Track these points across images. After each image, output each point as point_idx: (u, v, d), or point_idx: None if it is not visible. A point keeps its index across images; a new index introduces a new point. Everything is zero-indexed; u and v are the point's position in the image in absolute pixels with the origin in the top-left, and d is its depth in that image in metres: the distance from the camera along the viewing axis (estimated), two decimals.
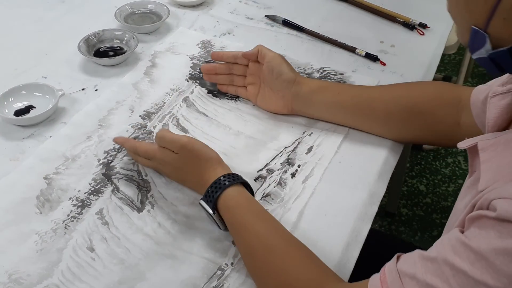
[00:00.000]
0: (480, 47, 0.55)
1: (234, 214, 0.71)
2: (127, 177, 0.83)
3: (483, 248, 0.48)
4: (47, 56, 1.08)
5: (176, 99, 0.97)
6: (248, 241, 0.69)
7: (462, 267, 0.49)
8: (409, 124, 0.85)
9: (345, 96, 0.88)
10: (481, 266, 0.48)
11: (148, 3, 1.19)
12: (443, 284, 0.50)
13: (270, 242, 0.68)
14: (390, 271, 0.56)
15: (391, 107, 0.85)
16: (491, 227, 0.49)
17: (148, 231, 0.75)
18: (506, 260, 0.47)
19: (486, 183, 0.54)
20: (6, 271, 0.70)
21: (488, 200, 0.50)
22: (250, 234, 0.69)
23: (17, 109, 0.93)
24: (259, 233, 0.69)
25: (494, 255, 0.47)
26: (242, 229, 0.70)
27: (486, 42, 0.54)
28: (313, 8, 1.24)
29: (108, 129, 0.91)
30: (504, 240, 0.47)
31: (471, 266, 0.49)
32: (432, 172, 1.95)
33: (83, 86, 1.00)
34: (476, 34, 0.55)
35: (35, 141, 0.89)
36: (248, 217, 0.71)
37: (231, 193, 0.72)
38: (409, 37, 1.14)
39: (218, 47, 1.10)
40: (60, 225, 0.76)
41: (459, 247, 0.51)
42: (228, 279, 0.70)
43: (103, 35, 1.09)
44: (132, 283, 0.69)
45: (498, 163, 0.54)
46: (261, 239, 0.69)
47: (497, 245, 0.47)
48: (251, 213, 0.71)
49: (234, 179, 0.73)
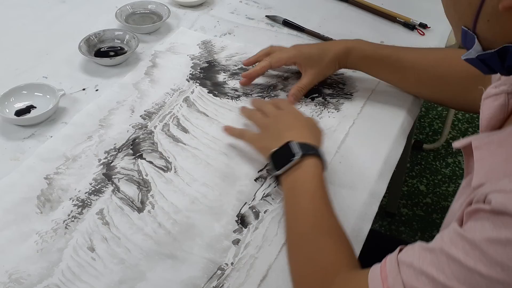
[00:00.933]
0: (471, 47, 0.56)
1: (299, 183, 0.74)
2: (127, 177, 0.83)
3: (477, 239, 0.50)
4: (47, 56, 1.08)
5: (176, 99, 0.98)
6: (290, 213, 0.73)
7: (457, 256, 0.51)
8: (438, 90, 0.93)
9: (385, 52, 0.94)
10: (474, 256, 0.49)
11: (148, 3, 1.19)
12: (438, 272, 0.52)
13: (302, 225, 0.70)
14: (391, 261, 0.58)
15: (422, 74, 0.93)
16: (486, 219, 0.50)
17: (148, 231, 0.75)
18: (499, 250, 0.48)
19: (479, 180, 0.55)
20: (7, 271, 0.70)
21: (483, 194, 0.52)
22: (296, 209, 0.72)
23: (18, 109, 0.93)
24: (302, 213, 0.71)
25: (488, 245, 0.48)
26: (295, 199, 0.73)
27: (475, 42, 0.55)
28: (313, 8, 1.24)
29: (109, 129, 0.91)
30: (498, 231, 0.48)
31: (465, 256, 0.50)
32: (432, 172, 1.95)
33: (84, 86, 1.00)
34: (466, 35, 0.56)
35: (35, 141, 0.89)
36: (303, 194, 0.73)
37: (311, 162, 0.75)
38: (409, 37, 1.14)
39: (218, 47, 1.10)
40: (61, 225, 0.76)
41: (455, 238, 0.52)
42: (228, 279, 0.70)
43: (103, 35, 1.09)
44: (133, 283, 0.69)
45: (492, 161, 0.55)
46: (297, 219, 0.71)
47: (491, 235, 0.49)
48: (307, 191, 0.73)
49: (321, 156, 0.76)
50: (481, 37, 0.54)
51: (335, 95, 0.98)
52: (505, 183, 0.50)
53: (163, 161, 0.86)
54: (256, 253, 0.73)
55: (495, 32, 0.53)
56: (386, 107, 0.96)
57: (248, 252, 0.73)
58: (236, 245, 0.74)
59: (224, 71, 1.04)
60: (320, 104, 0.96)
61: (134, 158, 0.86)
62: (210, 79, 1.02)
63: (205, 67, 1.05)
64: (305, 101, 0.97)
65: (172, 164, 0.85)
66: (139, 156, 0.86)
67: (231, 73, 1.04)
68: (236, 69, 1.05)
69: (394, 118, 0.94)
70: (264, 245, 0.74)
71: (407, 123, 0.94)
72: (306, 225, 0.70)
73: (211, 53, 1.08)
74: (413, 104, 0.97)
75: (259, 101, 0.93)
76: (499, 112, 0.61)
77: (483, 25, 0.53)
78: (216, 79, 1.02)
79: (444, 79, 0.91)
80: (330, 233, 0.69)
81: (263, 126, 0.84)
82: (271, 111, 0.86)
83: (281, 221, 0.77)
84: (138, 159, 0.86)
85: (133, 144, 0.88)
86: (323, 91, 0.99)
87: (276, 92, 0.99)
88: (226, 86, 1.01)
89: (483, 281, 0.49)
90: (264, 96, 0.98)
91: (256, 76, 1.00)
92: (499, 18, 0.51)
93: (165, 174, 0.84)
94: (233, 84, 1.01)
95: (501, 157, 0.54)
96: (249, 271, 0.71)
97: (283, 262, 0.72)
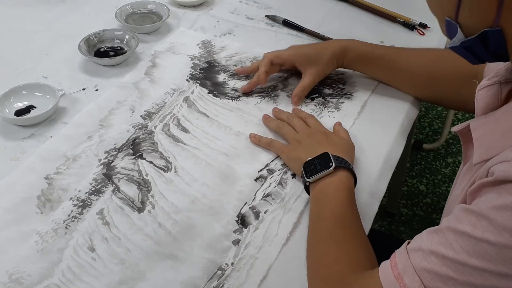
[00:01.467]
0: (453, 36, 0.57)
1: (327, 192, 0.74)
2: (127, 177, 0.83)
3: (483, 208, 0.50)
4: (47, 56, 1.08)
5: (177, 99, 0.98)
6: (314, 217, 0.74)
7: (464, 229, 0.51)
8: (430, 89, 0.94)
9: (379, 52, 0.96)
10: (481, 226, 0.50)
11: (148, 3, 1.19)
12: (447, 249, 0.52)
13: (320, 228, 0.71)
14: (400, 252, 0.58)
15: (415, 74, 0.94)
16: (490, 191, 0.51)
17: (148, 231, 0.75)
18: (506, 215, 0.48)
19: (479, 157, 0.56)
20: (7, 271, 0.70)
21: (486, 169, 0.53)
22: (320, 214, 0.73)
23: (18, 109, 0.93)
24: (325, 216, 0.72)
25: (494, 212, 0.49)
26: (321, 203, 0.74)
27: (458, 31, 0.56)
28: (313, 8, 1.24)
29: (109, 129, 0.91)
30: (504, 198, 0.49)
31: (472, 227, 0.51)
32: (432, 172, 1.95)
33: (84, 86, 1.00)
34: (450, 25, 0.57)
35: (35, 141, 0.89)
36: (329, 200, 0.73)
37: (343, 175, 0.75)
38: (409, 37, 1.14)
39: (218, 47, 1.10)
40: (61, 225, 0.76)
41: (461, 214, 0.53)
42: (228, 279, 0.70)
43: (103, 35, 1.09)
44: (133, 283, 0.69)
45: (490, 139, 0.57)
46: (319, 223, 0.72)
47: (497, 202, 0.49)
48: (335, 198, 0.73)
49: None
50: (464, 26, 0.56)
51: (335, 95, 0.98)
52: (506, 154, 0.51)
53: (163, 161, 0.86)
54: (256, 253, 0.73)
55: (477, 20, 0.54)
56: (386, 107, 0.96)
57: (248, 252, 0.73)
58: (236, 245, 0.74)
59: (224, 71, 1.04)
60: (320, 104, 0.96)
61: (134, 158, 0.86)
62: (210, 79, 1.02)
63: (205, 67, 1.05)
64: (305, 101, 0.97)
65: (172, 164, 0.85)
66: (139, 156, 0.86)
67: (231, 73, 1.04)
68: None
69: (394, 118, 0.94)
70: (265, 245, 0.74)
71: (407, 123, 0.94)
72: (329, 226, 0.70)
73: (211, 53, 1.08)
74: (413, 104, 0.97)
75: (284, 113, 0.93)
76: (492, 100, 0.63)
77: (465, 14, 0.55)
78: (216, 79, 1.02)
79: (437, 79, 0.92)
80: (353, 236, 0.69)
81: (294, 140, 0.85)
82: (302, 128, 0.87)
83: (281, 221, 0.77)
84: (138, 159, 0.86)
85: (133, 144, 0.88)
86: (323, 91, 0.99)
87: (276, 92, 0.99)
88: (226, 86, 1.01)
89: (492, 249, 0.49)
90: (264, 96, 0.98)
91: (261, 80, 0.98)
92: (479, 5, 0.53)
93: (165, 174, 0.84)
94: (233, 84, 1.01)
95: (499, 133, 0.56)
96: (249, 271, 0.71)
97: (283, 262, 0.72)
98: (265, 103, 0.97)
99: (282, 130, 0.89)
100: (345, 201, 0.72)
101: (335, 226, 0.70)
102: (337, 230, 0.69)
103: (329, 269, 0.66)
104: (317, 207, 0.74)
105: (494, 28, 0.53)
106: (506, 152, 0.52)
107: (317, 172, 0.75)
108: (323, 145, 0.81)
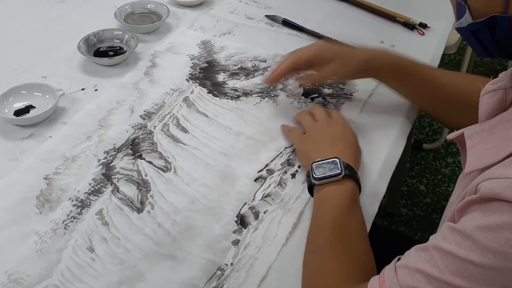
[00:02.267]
0: (461, 17, 0.57)
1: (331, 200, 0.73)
2: (127, 177, 0.83)
3: (467, 228, 0.50)
4: (47, 56, 1.08)
5: (176, 99, 0.97)
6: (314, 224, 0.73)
7: (449, 249, 0.51)
8: (454, 112, 0.88)
9: (404, 70, 0.89)
10: (466, 246, 0.50)
11: (148, 2, 1.19)
12: (432, 268, 0.52)
13: (320, 238, 0.70)
14: (389, 268, 0.58)
15: (443, 93, 0.87)
16: (476, 209, 0.51)
17: (148, 232, 0.75)
18: (489, 236, 0.48)
19: (471, 167, 0.56)
20: (6, 271, 0.70)
21: (474, 186, 0.52)
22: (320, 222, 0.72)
23: (17, 109, 0.93)
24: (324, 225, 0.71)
25: (478, 233, 0.49)
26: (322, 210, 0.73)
27: (466, 12, 0.56)
28: (313, 8, 1.23)
29: (108, 129, 0.91)
30: (488, 217, 0.49)
31: (457, 247, 0.50)
32: (432, 172, 1.95)
33: (83, 86, 1.00)
34: (459, 5, 0.57)
35: (35, 141, 0.89)
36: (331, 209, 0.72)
37: (349, 185, 0.74)
38: (409, 37, 1.14)
39: (218, 47, 1.10)
40: (60, 225, 0.76)
41: (447, 232, 0.52)
42: (228, 279, 0.70)
43: (103, 35, 1.09)
44: (132, 283, 0.69)
45: (483, 148, 0.56)
46: (320, 232, 0.71)
47: (481, 222, 0.49)
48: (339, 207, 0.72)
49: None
50: (473, 8, 0.55)
51: (335, 95, 0.98)
52: (493, 171, 0.51)
53: (162, 161, 0.85)
54: (255, 253, 0.73)
55: (486, 4, 0.54)
56: (386, 107, 0.95)
57: (247, 252, 0.73)
58: (236, 246, 0.74)
59: (224, 71, 1.04)
60: (320, 104, 0.96)
61: (133, 158, 0.86)
62: (209, 79, 1.02)
63: (204, 67, 1.05)
64: (305, 101, 0.97)
65: (171, 164, 0.85)
66: (139, 156, 0.86)
67: (230, 73, 1.04)
68: (235, 69, 1.04)
69: (394, 118, 0.93)
70: (264, 245, 0.74)
71: (407, 123, 0.94)
72: (328, 236, 0.69)
73: (210, 53, 1.08)
74: (413, 104, 0.97)
75: (314, 105, 0.92)
76: (497, 106, 0.62)
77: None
78: (215, 79, 1.02)
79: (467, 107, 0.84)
80: (353, 248, 0.68)
81: (311, 130, 0.85)
82: (321, 116, 0.86)
83: (281, 221, 0.76)
84: (137, 159, 0.86)
85: (133, 144, 0.88)
86: (323, 91, 0.99)
87: (276, 92, 0.99)
88: (226, 86, 1.01)
89: (476, 270, 0.49)
90: (264, 97, 0.98)
91: (283, 73, 0.91)
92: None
93: (165, 174, 0.83)
94: (232, 84, 1.01)
95: (491, 143, 0.55)
96: (249, 272, 0.71)
97: (283, 263, 0.72)
98: (264, 103, 0.97)
99: (302, 118, 0.88)
100: (349, 211, 0.71)
101: (335, 236, 0.69)
102: (337, 240, 0.68)
103: (323, 281, 0.65)
104: (319, 213, 0.73)
105: (503, 14, 0.52)
106: (494, 169, 0.51)
107: (325, 177, 0.74)
108: (335, 146, 0.80)
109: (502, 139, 0.55)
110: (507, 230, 0.47)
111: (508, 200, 0.47)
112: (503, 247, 0.47)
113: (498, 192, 0.48)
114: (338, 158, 0.75)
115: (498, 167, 0.51)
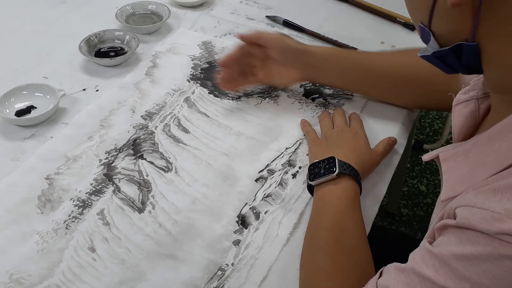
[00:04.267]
0: (427, 42, 0.56)
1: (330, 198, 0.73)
2: (128, 178, 0.83)
3: (445, 255, 0.49)
4: (48, 56, 1.08)
5: (177, 99, 0.98)
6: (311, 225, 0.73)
7: (428, 274, 0.50)
8: (410, 91, 0.90)
9: (353, 60, 0.91)
10: (444, 273, 0.49)
11: (149, 3, 1.19)
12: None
13: (319, 239, 0.70)
14: (371, 285, 0.57)
15: (395, 75, 0.89)
16: (452, 234, 0.50)
17: (149, 232, 0.75)
18: (466, 265, 0.47)
19: (446, 194, 0.55)
20: (7, 271, 0.70)
21: (452, 209, 0.52)
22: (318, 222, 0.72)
23: (18, 109, 0.93)
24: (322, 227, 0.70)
25: (456, 261, 0.48)
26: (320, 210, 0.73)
27: (431, 39, 0.55)
28: (313, 9, 1.24)
29: (110, 129, 0.91)
30: (464, 247, 0.48)
31: (435, 273, 0.50)
32: (433, 173, 1.95)
33: (84, 87, 1.00)
34: (423, 31, 0.56)
35: (36, 142, 0.89)
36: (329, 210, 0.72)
37: (348, 183, 0.74)
38: (409, 37, 1.14)
39: (219, 48, 1.10)
40: (61, 225, 0.76)
41: (425, 255, 0.52)
42: (228, 279, 0.70)
43: (104, 35, 1.09)
44: (133, 283, 0.69)
45: (458, 173, 0.55)
46: (318, 233, 0.70)
47: (457, 251, 0.48)
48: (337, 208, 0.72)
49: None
50: (437, 34, 0.54)
51: (335, 95, 0.98)
52: (470, 197, 0.50)
53: (163, 161, 0.86)
54: (256, 253, 0.73)
55: (450, 30, 0.53)
56: (387, 107, 0.96)
57: (248, 252, 0.73)
58: (237, 246, 0.74)
59: None
60: (321, 105, 0.96)
61: (135, 159, 0.86)
62: (210, 79, 1.02)
63: (205, 67, 1.05)
64: (305, 102, 0.97)
65: (172, 164, 0.85)
66: (140, 156, 0.87)
67: None
68: None
69: (394, 118, 0.94)
70: (265, 245, 0.74)
71: (407, 124, 0.94)
72: (326, 238, 0.69)
73: (211, 54, 1.09)
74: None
75: (340, 109, 0.93)
76: (470, 119, 0.61)
77: (438, 22, 0.53)
78: (216, 80, 1.02)
79: (427, 82, 0.87)
80: (351, 251, 0.68)
81: (325, 136, 0.86)
82: (338, 123, 0.88)
83: (282, 222, 0.77)
84: (138, 160, 0.86)
85: (134, 145, 0.89)
86: (324, 91, 0.99)
87: (277, 93, 0.99)
88: None
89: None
90: (265, 97, 0.98)
91: (235, 57, 0.94)
92: (451, 15, 0.51)
93: (166, 174, 0.84)
94: None
95: (466, 167, 0.54)
96: (250, 272, 0.71)
97: (284, 263, 0.72)
98: (265, 103, 0.97)
99: (321, 122, 0.90)
100: (347, 212, 0.71)
101: (333, 238, 0.68)
102: (335, 243, 0.68)
103: (320, 286, 0.65)
104: (316, 214, 0.73)
105: (469, 43, 0.51)
106: (470, 195, 0.50)
107: (320, 176, 0.75)
108: (340, 148, 0.80)
109: (478, 163, 0.53)
110: (482, 261, 0.46)
111: (483, 232, 0.46)
112: (480, 279, 0.46)
113: (474, 224, 0.47)
114: (333, 156, 0.75)
115: (475, 194, 0.49)
